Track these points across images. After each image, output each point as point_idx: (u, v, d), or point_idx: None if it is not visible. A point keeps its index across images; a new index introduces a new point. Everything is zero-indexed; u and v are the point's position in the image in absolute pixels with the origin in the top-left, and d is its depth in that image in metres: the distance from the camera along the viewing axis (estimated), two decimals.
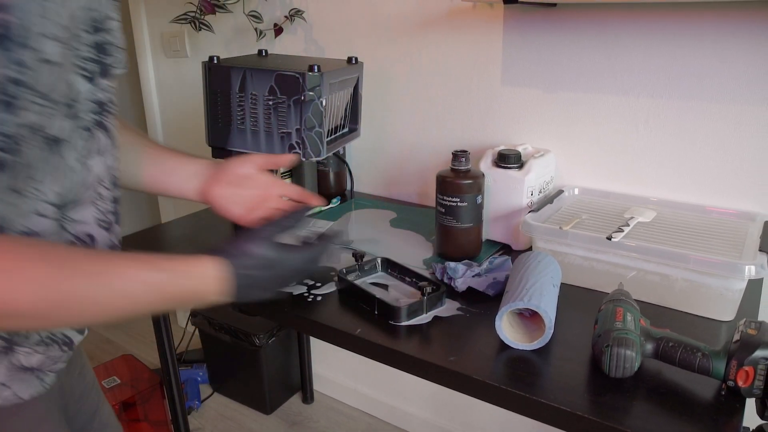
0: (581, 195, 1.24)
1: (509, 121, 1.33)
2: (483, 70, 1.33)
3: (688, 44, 1.09)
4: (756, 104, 1.06)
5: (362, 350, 0.89)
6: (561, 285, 0.97)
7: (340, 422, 1.86)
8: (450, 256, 1.11)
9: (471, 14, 1.31)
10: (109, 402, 1.63)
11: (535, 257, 0.93)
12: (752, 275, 0.85)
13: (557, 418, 0.72)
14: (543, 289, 0.84)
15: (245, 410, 1.92)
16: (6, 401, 0.60)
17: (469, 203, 1.07)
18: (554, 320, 0.83)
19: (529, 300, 0.81)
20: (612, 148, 1.22)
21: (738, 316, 0.90)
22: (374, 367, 1.82)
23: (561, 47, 1.22)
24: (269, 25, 1.60)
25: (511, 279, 0.91)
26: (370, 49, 1.48)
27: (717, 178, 1.14)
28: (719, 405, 0.72)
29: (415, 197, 1.54)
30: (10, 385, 0.60)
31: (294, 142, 1.05)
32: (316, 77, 1.01)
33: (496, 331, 0.83)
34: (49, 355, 0.63)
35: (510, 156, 1.14)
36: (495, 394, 0.77)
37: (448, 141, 1.44)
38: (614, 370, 0.74)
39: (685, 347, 0.73)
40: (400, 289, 1.02)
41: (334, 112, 1.15)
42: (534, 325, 0.87)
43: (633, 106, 1.18)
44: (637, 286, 0.95)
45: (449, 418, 1.72)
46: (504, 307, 0.82)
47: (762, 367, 0.68)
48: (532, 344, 0.83)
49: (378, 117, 1.53)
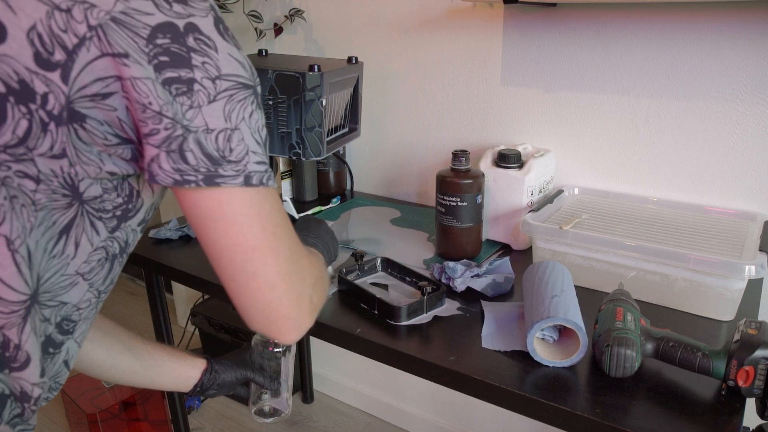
0: (581, 195, 1.24)
1: (509, 120, 1.33)
2: (483, 69, 1.33)
3: (688, 44, 1.09)
4: (756, 104, 1.06)
5: (362, 350, 0.89)
6: None
7: (339, 422, 1.86)
8: (450, 256, 1.11)
9: (471, 14, 1.31)
10: (109, 401, 1.65)
11: (551, 268, 0.90)
12: (752, 275, 0.85)
13: (557, 418, 0.72)
14: (570, 303, 0.81)
15: (245, 410, 1.92)
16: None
17: (469, 203, 1.07)
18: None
19: (565, 316, 0.77)
20: (612, 148, 1.22)
21: (738, 316, 0.90)
22: (374, 367, 1.82)
23: (561, 47, 1.22)
24: (269, 24, 1.60)
25: (530, 291, 0.87)
26: (370, 48, 1.48)
27: (717, 178, 1.14)
28: (719, 405, 0.72)
29: (415, 197, 1.54)
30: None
31: (294, 142, 1.05)
32: (316, 77, 1.01)
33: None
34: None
35: (510, 156, 1.14)
36: (495, 394, 0.77)
37: (448, 141, 1.44)
38: (614, 370, 0.74)
39: (686, 347, 0.73)
40: (400, 289, 1.02)
41: (334, 112, 1.15)
42: (563, 339, 0.83)
43: (633, 106, 1.18)
44: (637, 286, 0.95)
45: (449, 418, 1.72)
46: (536, 325, 0.78)
47: (762, 367, 0.68)
48: (564, 361, 0.79)
49: (378, 117, 1.53)
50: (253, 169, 0.51)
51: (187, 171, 0.49)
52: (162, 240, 1.24)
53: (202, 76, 0.48)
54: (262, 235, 0.52)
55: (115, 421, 1.65)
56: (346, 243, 1.20)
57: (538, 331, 0.79)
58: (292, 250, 0.56)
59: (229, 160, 0.49)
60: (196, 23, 0.48)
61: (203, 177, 0.49)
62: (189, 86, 0.47)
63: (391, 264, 1.07)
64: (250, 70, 0.52)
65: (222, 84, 0.49)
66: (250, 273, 0.53)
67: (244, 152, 0.50)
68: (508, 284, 1.00)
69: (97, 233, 0.55)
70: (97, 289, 0.59)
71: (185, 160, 0.49)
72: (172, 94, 0.47)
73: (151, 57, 0.46)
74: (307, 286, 0.57)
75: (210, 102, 0.48)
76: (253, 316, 0.55)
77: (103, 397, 1.67)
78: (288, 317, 0.55)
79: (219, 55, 0.49)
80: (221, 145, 0.49)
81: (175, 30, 0.47)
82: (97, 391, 1.69)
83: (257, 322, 0.56)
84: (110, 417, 1.64)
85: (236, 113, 0.50)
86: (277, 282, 0.54)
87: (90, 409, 1.62)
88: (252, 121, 0.51)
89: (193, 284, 1.10)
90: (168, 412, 1.65)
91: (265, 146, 0.54)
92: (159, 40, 0.46)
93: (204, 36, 0.48)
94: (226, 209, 0.51)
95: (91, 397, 1.67)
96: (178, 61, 0.47)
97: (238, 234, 0.52)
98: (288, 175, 1.47)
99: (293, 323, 0.56)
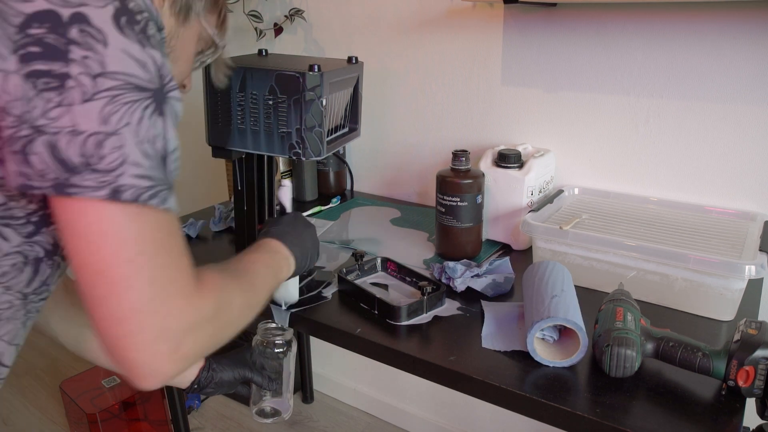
0: (581, 195, 1.24)
1: (509, 121, 1.33)
2: (483, 69, 1.33)
3: (688, 44, 1.09)
4: (756, 104, 1.06)
5: (362, 350, 0.89)
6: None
7: (339, 422, 1.86)
8: (450, 256, 1.11)
9: (471, 14, 1.31)
10: (109, 401, 1.65)
11: (551, 268, 0.90)
12: (752, 275, 0.85)
13: (557, 418, 0.72)
14: (570, 303, 0.81)
15: (245, 410, 1.92)
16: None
17: (469, 203, 1.07)
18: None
19: (566, 316, 0.77)
20: (612, 148, 1.22)
21: (738, 316, 0.90)
22: (374, 367, 1.81)
23: (561, 47, 1.22)
24: (269, 24, 1.60)
25: (530, 291, 0.87)
26: (371, 48, 1.48)
27: (717, 177, 1.14)
28: (719, 405, 0.72)
29: (415, 197, 1.54)
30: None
31: (294, 142, 1.05)
32: (316, 77, 1.01)
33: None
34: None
35: (510, 156, 1.14)
36: (495, 394, 0.77)
37: (448, 141, 1.44)
38: (614, 370, 0.74)
39: (686, 347, 0.73)
40: (400, 289, 1.02)
41: (334, 112, 1.15)
42: (563, 339, 0.83)
43: (633, 106, 1.18)
44: (637, 286, 0.95)
45: (449, 418, 1.72)
46: (536, 325, 0.78)
47: (762, 367, 0.68)
48: (564, 361, 0.79)
49: (378, 117, 1.53)
50: (127, 183, 0.45)
51: (31, 175, 0.43)
52: None
53: (79, 71, 0.43)
54: (113, 261, 0.45)
55: (115, 421, 1.66)
56: (346, 243, 1.20)
57: (538, 331, 0.79)
58: (157, 285, 0.47)
59: (94, 169, 0.44)
60: (86, 13, 0.43)
61: (51, 185, 0.43)
62: (61, 81, 0.43)
63: (391, 264, 1.07)
64: (154, 72, 0.47)
65: (105, 82, 0.44)
66: (98, 297, 0.47)
67: (118, 162, 0.44)
68: (508, 284, 1.00)
69: (5, 239, 0.51)
70: (20, 291, 0.55)
71: (29, 164, 0.43)
72: (37, 89, 0.42)
73: (19, 46, 0.42)
74: (176, 330, 0.49)
75: (85, 101, 0.43)
76: (106, 350, 0.48)
77: (103, 397, 1.67)
78: (135, 361, 0.47)
79: (107, 50, 0.44)
80: (89, 150, 0.43)
81: (55, 19, 0.43)
82: (97, 391, 1.69)
83: (111, 359, 0.48)
84: (110, 417, 1.64)
85: (118, 116, 0.44)
86: (123, 316, 0.46)
87: (90, 409, 1.62)
88: (141, 128, 0.45)
89: None
90: (168, 412, 1.65)
91: (163, 161, 0.48)
92: (33, 30, 0.42)
93: (93, 27, 0.43)
94: (82, 222, 0.45)
95: (91, 397, 1.67)
96: (51, 54, 0.42)
97: (88, 253, 0.46)
98: (288, 175, 1.47)
99: (144, 369, 0.48)
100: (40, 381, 2.09)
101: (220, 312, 0.55)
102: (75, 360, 2.16)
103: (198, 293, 0.52)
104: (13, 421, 1.90)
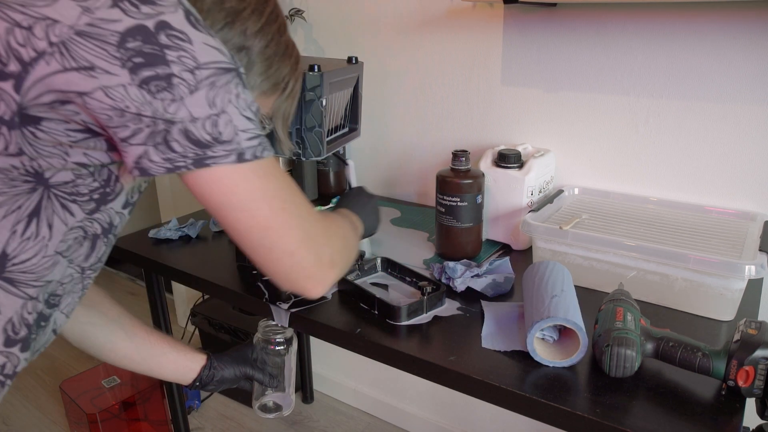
0: (581, 195, 1.24)
1: (509, 120, 1.33)
2: (483, 70, 1.33)
3: (688, 44, 1.09)
4: (756, 104, 1.06)
5: (362, 350, 0.89)
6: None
7: (339, 422, 1.86)
8: (450, 256, 1.11)
9: (471, 14, 1.31)
10: (109, 401, 1.65)
11: (551, 268, 0.90)
12: (752, 275, 0.85)
13: (557, 418, 0.72)
14: (570, 303, 0.81)
15: (245, 410, 1.92)
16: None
17: (469, 203, 1.07)
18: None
19: (566, 316, 0.77)
20: (612, 148, 1.22)
21: (738, 316, 0.90)
22: (374, 367, 1.82)
23: (561, 47, 1.22)
24: None
25: (530, 291, 0.87)
26: (370, 48, 1.48)
27: (717, 178, 1.14)
28: (719, 405, 0.72)
29: (415, 197, 1.54)
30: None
31: (294, 142, 1.05)
32: (316, 77, 1.01)
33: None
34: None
35: (510, 156, 1.14)
36: (495, 394, 0.77)
37: (448, 141, 1.44)
38: (614, 370, 0.74)
39: (686, 347, 0.73)
40: (400, 289, 1.02)
41: (334, 112, 1.15)
42: (563, 339, 0.83)
43: (633, 106, 1.18)
44: (637, 286, 0.95)
45: (449, 418, 1.72)
46: (536, 325, 0.78)
47: (762, 367, 0.68)
48: (564, 361, 0.79)
49: (378, 117, 1.53)
50: (245, 146, 0.53)
51: (176, 159, 0.51)
52: (162, 240, 1.24)
53: (179, 69, 0.49)
54: (271, 215, 0.55)
55: (115, 421, 1.66)
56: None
57: (538, 331, 0.79)
58: (303, 218, 0.59)
59: (220, 141, 0.52)
60: (167, 20, 0.49)
61: (192, 161, 0.51)
62: (168, 81, 0.49)
63: (391, 264, 1.07)
64: (228, 54, 0.54)
65: (202, 73, 0.51)
66: (267, 247, 0.56)
67: (233, 133, 0.53)
68: (508, 284, 1.00)
69: (72, 215, 0.57)
70: (78, 265, 0.62)
71: (172, 150, 0.51)
72: (152, 92, 0.49)
73: (124, 61, 0.48)
74: (323, 246, 0.61)
75: (192, 92, 0.50)
76: (279, 280, 0.60)
77: (103, 397, 1.67)
78: (309, 277, 0.60)
79: (194, 47, 0.50)
80: (210, 130, 0.51)
81: (145, 31, 0.48)
82: (97, 391, 1.69)
83: (284, 285, 0.60)
84: (110, 417, 1.64)
85: (221, 98, 0.52)
86: (293, 250, 0.57)
87: (90, 409, 1.62)
88: (240, 102, 0.53)
89: (193, 284, 1.10)
90: (168, 412, 1.65)
91: (257, 118, 0.57)
92: (130, 44, 0.48)
93: (176, 31, 0.50)
94: (231, 190, 0.54)
95: (91, 397, 1.67)
96: (152, 60, 0.49)
97: (249, 218, 0.55)
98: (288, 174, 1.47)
99: (315, 280, 0.61)
100: (40, 381, 2.09)
101: (341, 228, 0.74)
102: (75, 360, 2.16)
103: (325, 217, 0.66)
104: (13, 421, 1.91)
